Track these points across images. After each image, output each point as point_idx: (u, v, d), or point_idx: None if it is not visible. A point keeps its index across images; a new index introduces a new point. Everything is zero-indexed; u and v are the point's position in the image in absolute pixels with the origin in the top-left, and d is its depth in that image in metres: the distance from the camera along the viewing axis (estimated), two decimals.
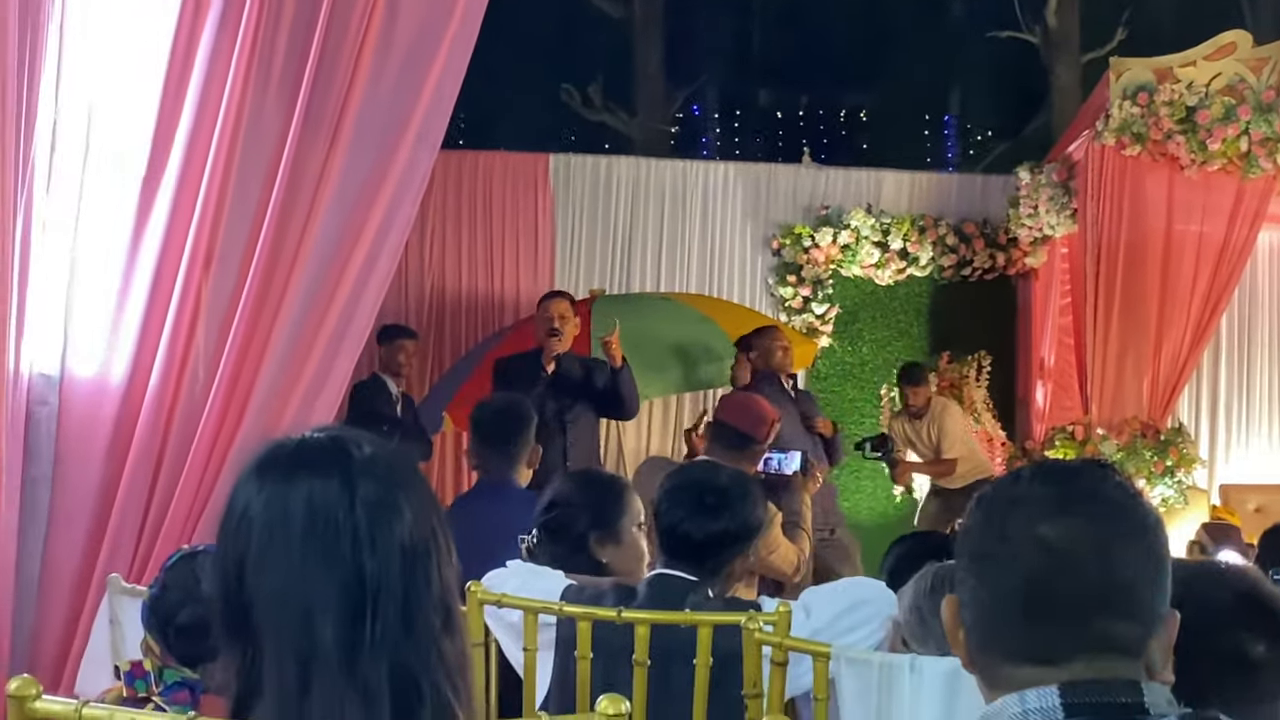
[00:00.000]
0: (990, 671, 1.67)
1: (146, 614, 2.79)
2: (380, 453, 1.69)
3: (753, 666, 2.92)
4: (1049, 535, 1.63)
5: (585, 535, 4.02)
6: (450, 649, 1.65)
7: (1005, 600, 1.64)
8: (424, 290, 10.71)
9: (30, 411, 4.59)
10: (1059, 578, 1.62)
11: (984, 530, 1.69)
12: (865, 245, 11.09)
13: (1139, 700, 1.60)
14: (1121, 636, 1.62)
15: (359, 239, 4.94)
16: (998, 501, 1.71)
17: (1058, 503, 1.66)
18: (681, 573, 3.45)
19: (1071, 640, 1.62)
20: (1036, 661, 1.62)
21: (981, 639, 1.68)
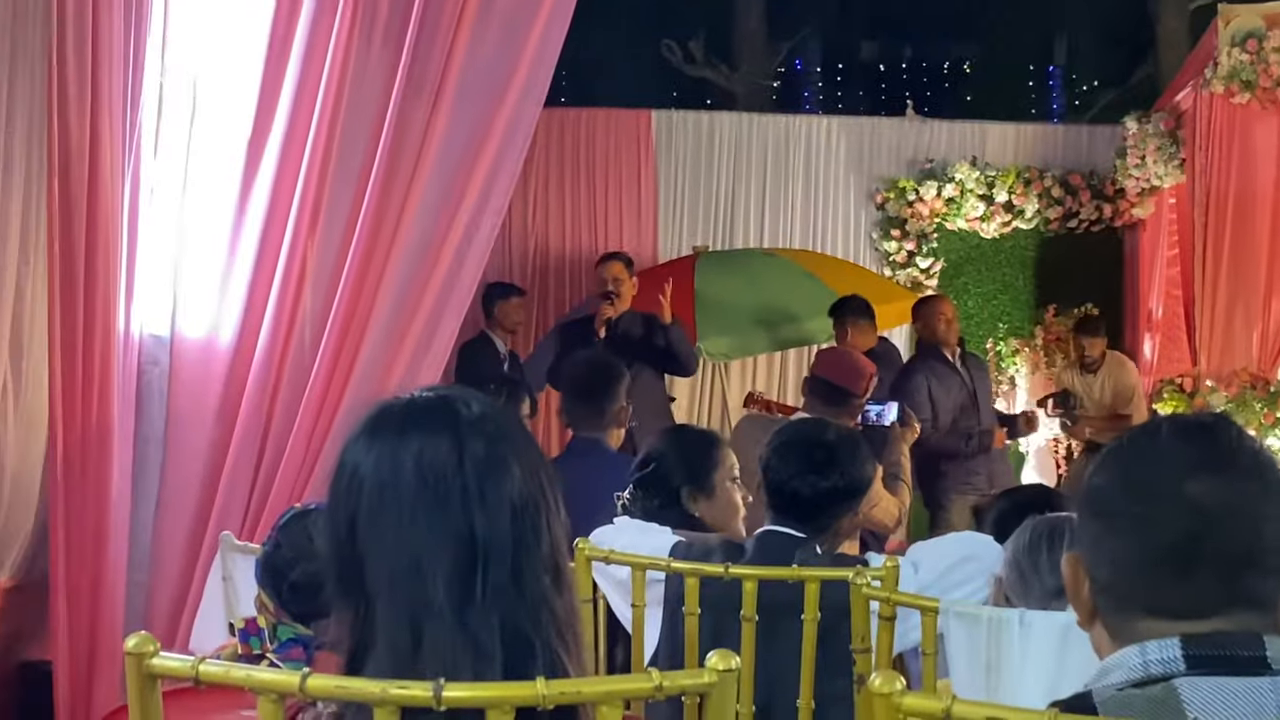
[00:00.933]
0: (1125, 628, 1.64)
1: (260, 571, 2.82)
2: (488, 411, 1.70)
3: (861, 621, 2.91)
4: (1198, 494, 1.61)
5: (678, 489, 4.03)
6: (560, 605, 1.65)
7: (1152, 557, 1.62)
8: (527, 248, 10.73)
9: (142, 371, 4.67)
10: (1209, 536, 1.60)
11: (1123, 487, 1.67)
12: (970, 198, 10.95)
13: (1260, 654, 1.58)
14: (1264, 593, 1.61)
15: (464, 197, 4.96)
16: (1137, 458, 1.69)
17: (1202, 461, 1.64)
18: (790, 529, 3.44)
19: (1218, 597, 1.60)
20: (1179, 617, 1.60)
21: (1120, 596, 1.65)
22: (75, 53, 4.27)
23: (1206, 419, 1.71)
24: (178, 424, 4.70)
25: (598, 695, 1.52)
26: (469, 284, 5.09)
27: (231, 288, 4.74)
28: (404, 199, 4.89)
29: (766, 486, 3.53)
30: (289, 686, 1.52)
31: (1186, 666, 1.58)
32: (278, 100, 4.74)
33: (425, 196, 4.91)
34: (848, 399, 5.79)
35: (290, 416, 4.69)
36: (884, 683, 1.52)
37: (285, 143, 4.72)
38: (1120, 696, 1.59)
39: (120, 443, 4.52)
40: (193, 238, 4.75)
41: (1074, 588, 1.72)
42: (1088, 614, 1.71)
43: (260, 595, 2.80)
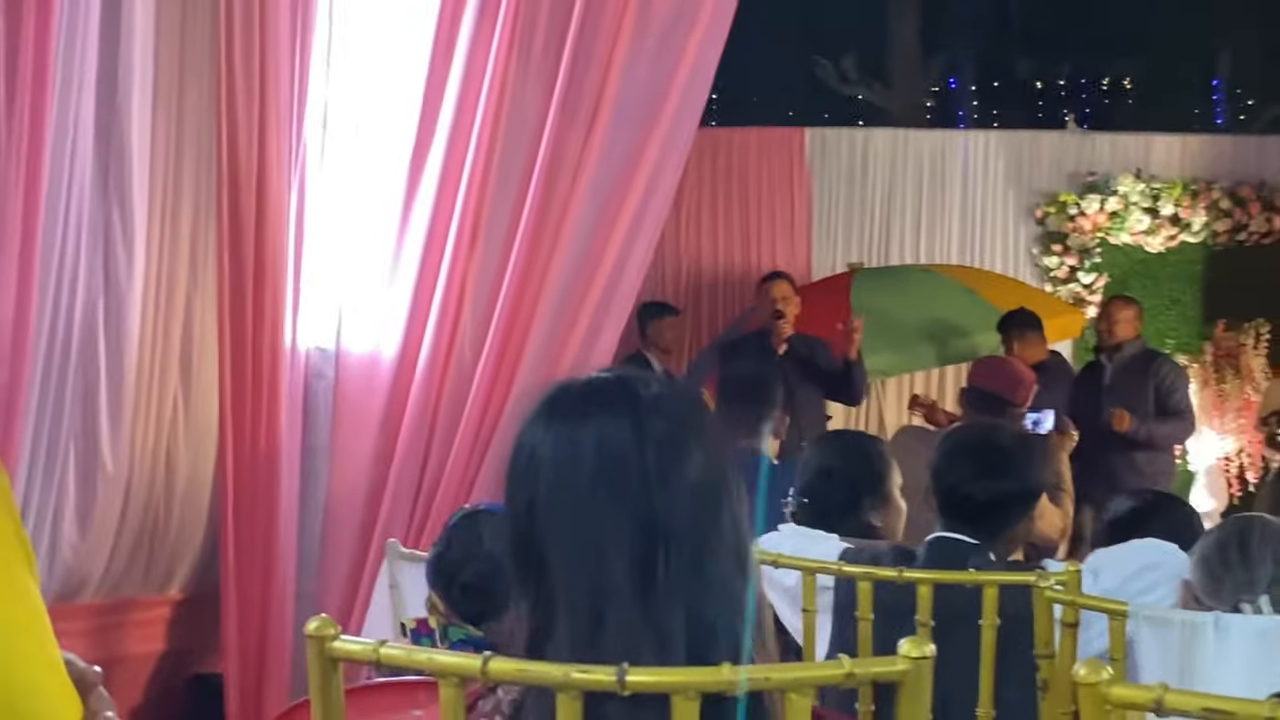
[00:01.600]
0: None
1: (431, 572, 2.81)
2: (668, 392, 1.65)
3: (1044, 626, 2.81)
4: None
5: (854, 499, 3.95)
6: (745, 592, 1.61)
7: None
8: (680, 268, 10.73)
9: (308, 384, 4.72)
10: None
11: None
12: (1134, 212, 10.72)
13: None
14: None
15: (620, 214, 4.96)
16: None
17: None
18: (962, 535, 3.35)
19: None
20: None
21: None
22: (243, 70, 4.35)
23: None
24: (343, 435, 4.74)
25: (787, 682, 1.47)
26: (626, 299, 5.09)
27: (394, 303, 4.78)
28: (561, 216, 4.90)
29: (937, 492, 3.44)
30: (471, 669, 1.49)
31: None
32: (438, 118, 4.78)
33: (582, 214, 4.92)
34: (1007, 408, 5.66)
35: (452, 427, 4.71)
36: (1090, 672, 1.45)
37: (446, 160, 4.76)
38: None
39: (288, 455, 4.58)
40: (356, 253, 4.80)
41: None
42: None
43: (431, 597, 2.79)
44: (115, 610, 4.79)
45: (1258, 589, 2.71)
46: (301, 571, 4.67)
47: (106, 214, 4.43)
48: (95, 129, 4.33)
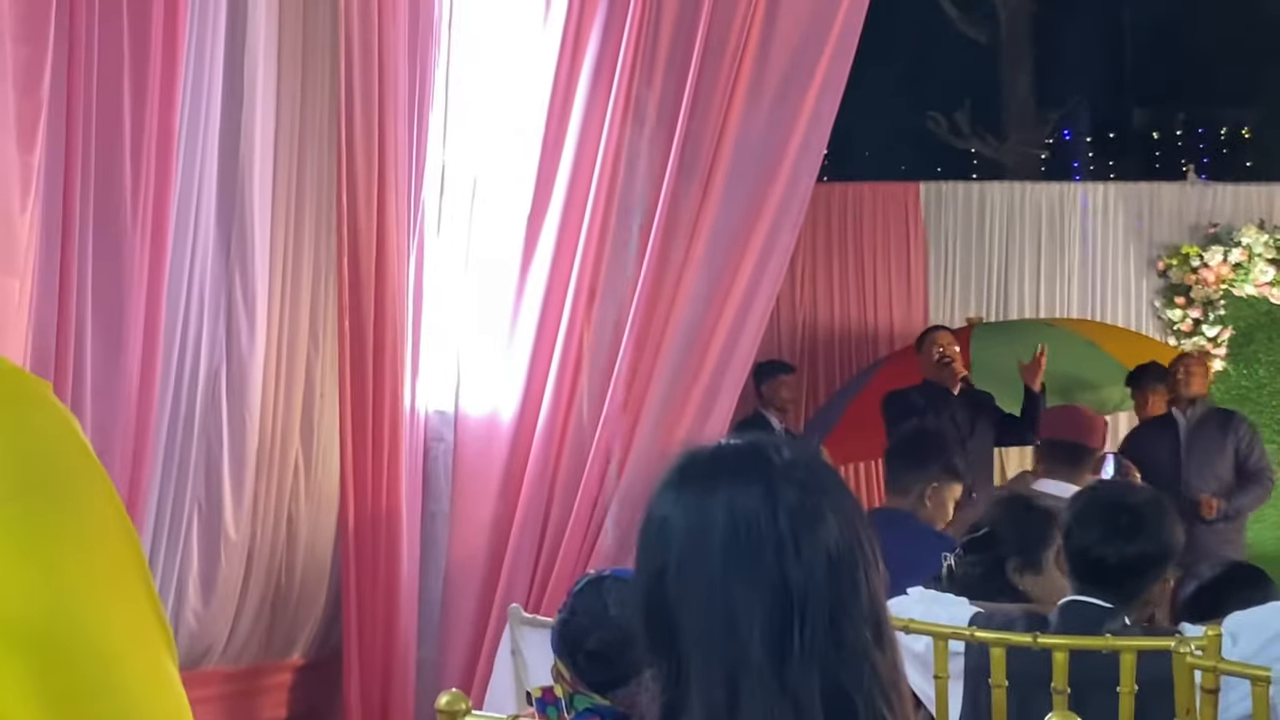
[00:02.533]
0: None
1: (556, 639, 2.78)
2: (801, 458, 1.62)
3: (1185, 692, 2.72)
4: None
5: (1004, 559, 3.88)
6: (882, 662, 1.56)
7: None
8: (796, 324, 10.68)
9: (428, 448, 4.73)
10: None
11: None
12: (1259, 263, 10.52)
13: None
14: None
15: (737, 275, 4.94)
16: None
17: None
18: (1096, 600, 3.26)
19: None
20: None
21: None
22: (362, 133, 4.39)
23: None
24: (463, 499, 4.75)
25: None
26: (745, 360, 5.06)
27: (512, 365, 4.78)
28: (678, 276, 4.88)
29: (1069, 554, 3.35)
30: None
31: None
32: (554, 180, 4.80)
33: (700, 273, 4.90)
34: (1087, 455, 5.55)
35: (572, 490, 4.70)
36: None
37: (563, 221, 4.77)
38: None
39: (409, 518, 4.58)
40: (474, 316, 4.81)
41: None
42: None
43: (557, 664, 2.75)
44: (239, 678, 4.81)
45: None
46: (422, 637, 4.67)
47: (229, 281, 4.48)
48: (218, 196, 4.39)
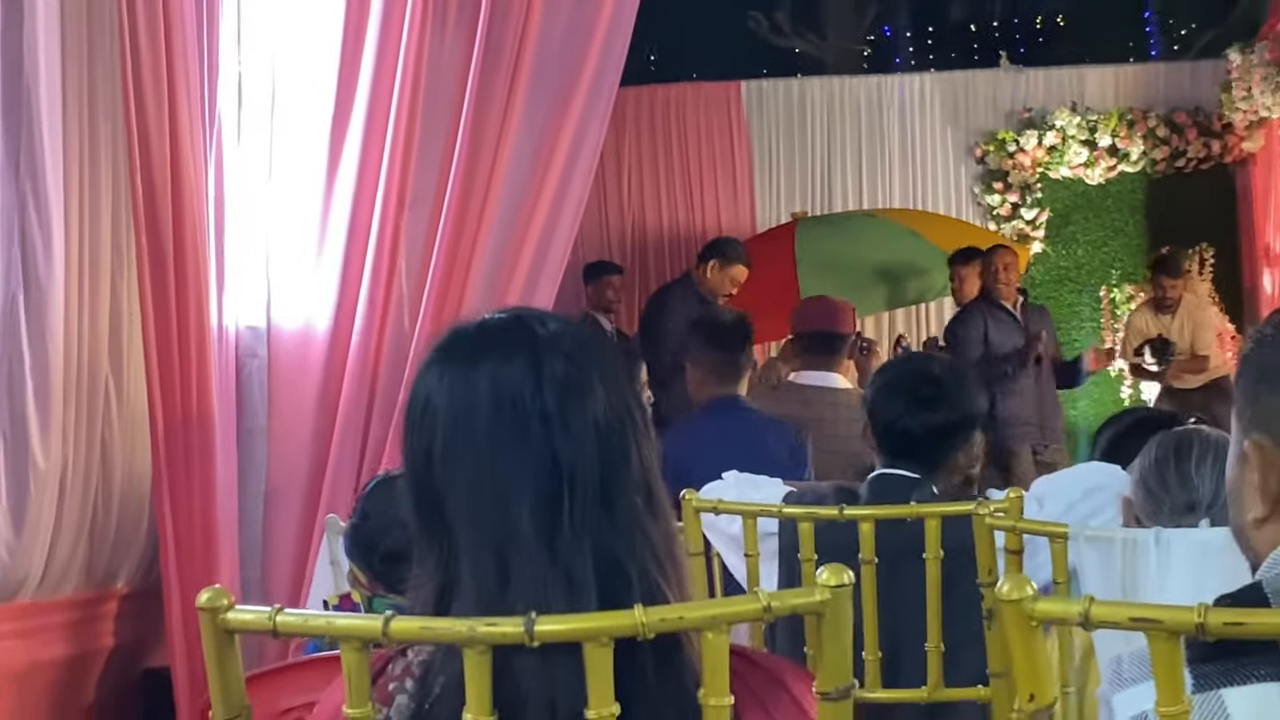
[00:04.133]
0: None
1: (349, 544, 2.75)
2: (566, 329, 1.59)
3: (986, 554, 2.77)
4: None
5: None
6: (656, 530, 1.54)
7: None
8: (625, 226, 10.69)
9: (240, 365, 4.64)
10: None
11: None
12: (1072, 145, 10.74)
13: None
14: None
15: (547, 173, 4.92)
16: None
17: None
18: (904, 471, 3.31)
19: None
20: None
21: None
22: (149, 45, 4.23)
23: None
24: (280, 415, 4.66)
25: (702, 620, 1.41)
26: (560, 257, 5.03)
27: (324, 276, 4.70)
28: (489, 176, 4.84)
29: (875, 429, 3.39)
30: (372, 632, 1.42)
31: None
32: (356, 84, 4.70)
33: (510, 174, 4.86)
34: (840, 343, 5.61)
35: (392, 398, 4.64)
36: (1013, 588, 1.39)
37: (367, 126, 4.68)
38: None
39: (223, 438, 4.48)
40: (281, 227, 4.71)
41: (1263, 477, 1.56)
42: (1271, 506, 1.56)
43: (353, 569, 2.72)
44: (59, 609, 4.68)
45: (1199, 511, 2.67)
46: (246, 557, 4.59)
47: (20, 203, 4.31)
48: (3, 115, 4.21)
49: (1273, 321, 1.59)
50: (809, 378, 5.39)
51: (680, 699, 1.46)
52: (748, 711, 1.51)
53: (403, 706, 1.52)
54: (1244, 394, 1.59)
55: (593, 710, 1.39)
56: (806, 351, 5.60)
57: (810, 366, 5.47)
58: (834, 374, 5.53)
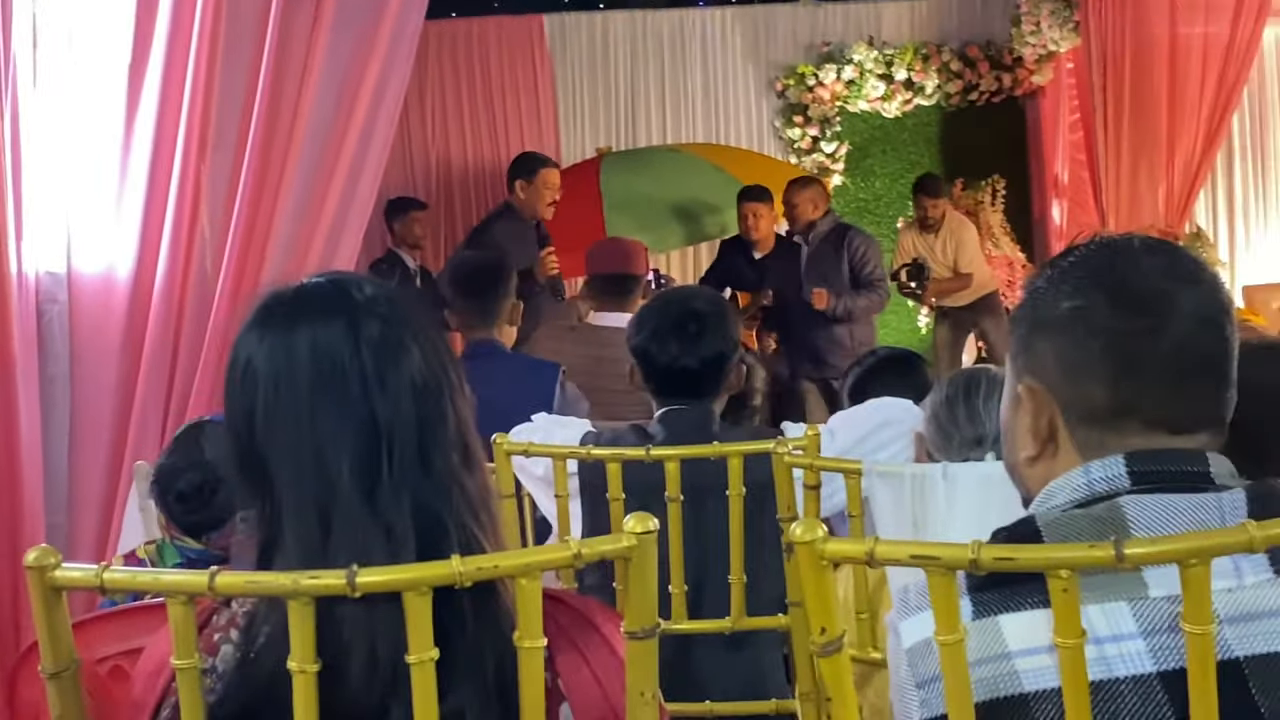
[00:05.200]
0: (1107, 449, 1.62)
1: (152, 484, 2.76)
2: (382, 292, 1.66)
3: (785, 490, 2.89)
4: (1189, 305, 1.60)
5: None
6: (472, 484, 1.63)
7: (1149, 369, 1.60)
8: (430, 163, 10.64)
9: (41, 311, 4.56)
10: (1199, 342, 1.60)
11: (1113, 303, 1.62)
12: (869, 79, 10.95)
13: (1205, 469, 1.58)
14: (1228, 406, 1.63)
15: (353, 111, 4.89)
16: (1114, 274, 1.64)
17: (1182, 274, 1.62)
18: (687, 404, 3.44)
19: (1207, 407, 1.61)
20: (1172, 429, 1.60)
21: (1114, 410, 1.61)
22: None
23: (1154, 239, 1.70)
24: (83, 361, 4.60)
25: (515, 568, 1.49)
26: (367, 197, 5.03)
27: (125, 220, 4.63)
28: (293, 119, 4.80)
29: (649, 371, 3.50)
30: (198, 587, 1.48)
31: (1131, 484, 1.58)
32: (154, 26, 4.62)
33: (315, 114, 4.83)
34: (634, 284, 5.74)
35: (197, 342, 4.61)
36: (805, 530, 1.49)
37: (167, 68, 4.61)
38: (1064, 518, 1.58)
39: (24, 385, 4.42)
40: (81, 169, 4.64)
41: (1034, 418, 1.69)
42: (1043, 444, 1.68)
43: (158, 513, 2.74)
44: None
45: (985, 445, 2.83)
46: (52, 505, 4.53)
47: None
48: None
49: (1045, 274, 1.72)
50: (604, 319, 5.47)
51: (497, 642, 1.55)
52: (561, 652, 1.61)
53: (228, 656, 1.58)
54: (1018, 341, 1.71)
55: (413, 655, 1.47)
56: (601, 293, 5.67)
57: (605, 308, 5.54)
58: (628, 314, 5.62)
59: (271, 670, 1.52)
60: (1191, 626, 1.42)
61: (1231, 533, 1.42)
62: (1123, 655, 1.49)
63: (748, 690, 3.24)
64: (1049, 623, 1.45)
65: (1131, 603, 1.50)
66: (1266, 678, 1.47)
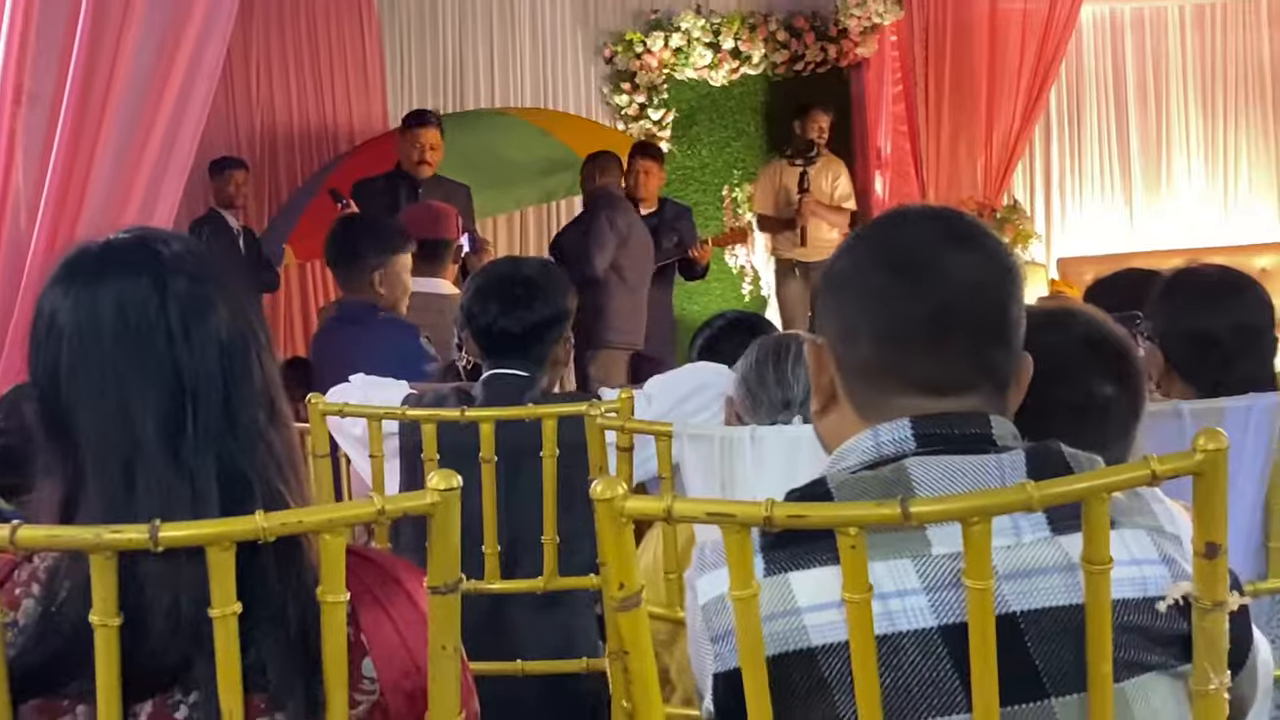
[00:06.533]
0: (875, 406, 1.69)
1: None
2: (190, 249, 1.67)
3: (597, 452, 2.94)
4: (953, 267, 1.66)
5: None
6: (278, 441, 1.64)
7: (910, 330, 1.66)
8: (254, 124, 10.45)
9: None
10: (963, 307, 1.66)
11: (880, 264, 1.70)
12: (697, 47, 10.99)
13: (987, 432, 1.65)
14: (1000, 367, 1.69)
15: (172, 67, 4.81)
16: (892, 237, 1.74)
17: (954, 238, 1.70)
18: (512, 370, 3.47)
19: (965, 368, 1.67)
20: (931, 391, 1.66)
21: (874, 370, 1.69)
22: None
23: (942, 207, 1.77)
24: None
25: (319, 524, 1.51)
26: (186, 153, 4.95)
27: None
28: (110, 74, 4.71)
29: (476, 333, 3.53)
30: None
31: (916, 446, 1.64)
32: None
33: (133, 70, 4.74)
34: (445, 248, 5.81)
35: (9, 303, 4.52)
36: (605, 488, 1.54)
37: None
38: (853, 479, 1.64)
39: None
40: None
41: (816, 375, 1.76)
42: (826, 399, 1.75)
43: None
44: None
45: (793, 408, 2.90)
46: None
47: None
48: None
49: (841, 246, 1.79)
50: (418, 284, 5.49)
51: (301, 597, 1.57)
52: (365, 607, 1.63)
53: (30, 610, 1.58)
54: (813, 300, 1.79)
55: (215, 610, 1.49)
56: (418, 258, 5.70)
57: (419, 273, 5.55)
58: (440, 280, 5.70)
59: (74, 624, 1.53)
60: (973, 582, 1.49)
61: (1012, 492, 1.49)
62: (906, 610, 1.56)
63: (560, 649, 3.29)
64: (837, 579, 1.50)
65: (915, 560, 1.57)
66: (1040, 631, 1.55)
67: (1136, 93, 11.82)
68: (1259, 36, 11.83)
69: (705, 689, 1.64)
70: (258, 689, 1.55)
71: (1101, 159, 11.82)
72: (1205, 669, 1.54)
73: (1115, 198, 11.82)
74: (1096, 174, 11.81)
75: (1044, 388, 1.79)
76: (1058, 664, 1.54)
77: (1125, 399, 2.03)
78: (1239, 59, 11.85)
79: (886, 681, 1.52)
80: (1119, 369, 2.04)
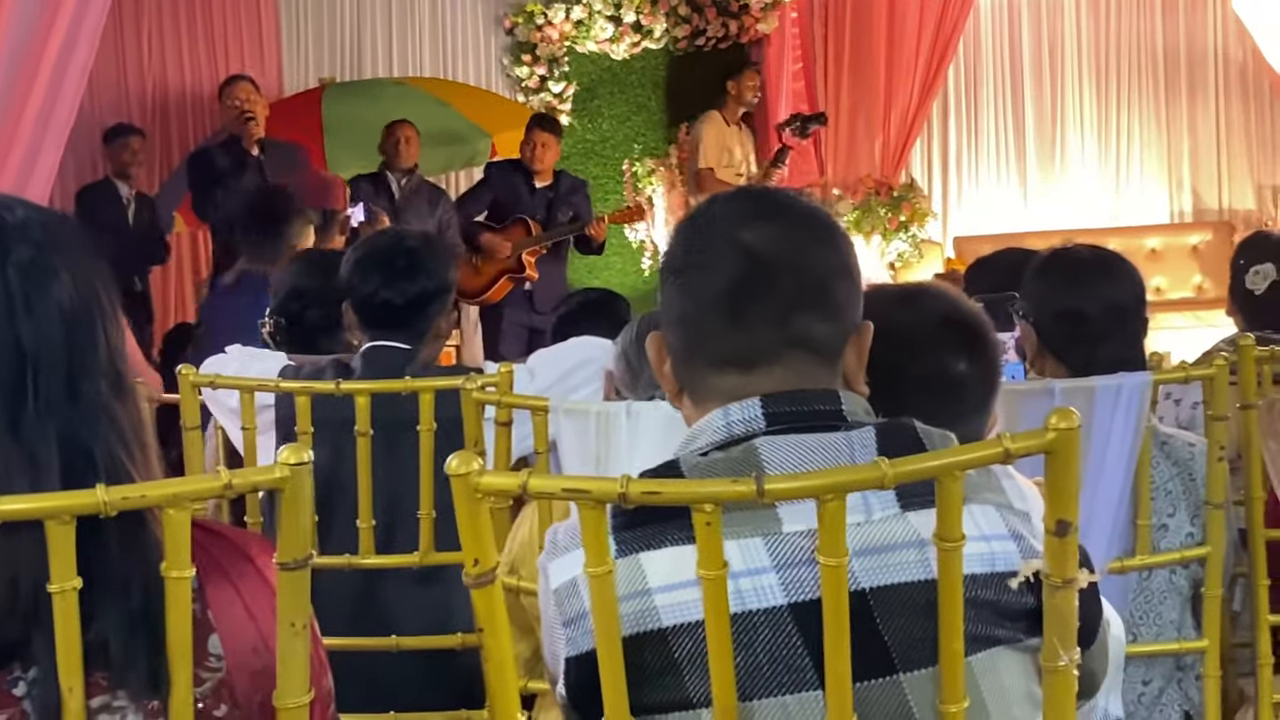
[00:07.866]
0: (698, 387, 1.70)
1: None
2: (35, 216, 1.62)
3: (473, 426, 2.91)
4: (748, 239, 1.67)
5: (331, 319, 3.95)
6: (123, 414, 1.60)
7: (709, 307, 1.67)
8: (145, 90, 10.30)
9: None
10: (759, 278, 1.66)
11: (686, 246, 1.73)
12: (598, 20, 10.96)
13: (837, 408, 1.65)
14: (818, 336, 1.67)
15: (51, 28, 4.71)
16: (698, 219, 1.75)
17: (755, 213, 1.70)
18: (393, 342, 3.43)
19: (772, 340, 1.66)
20: (740, 366, 1.66)
21: (686, 352, 1.71)
22: None
23: (757, 186, 1.78)
24: None
25: (163, 498, 1.47)
26: (66, 117, 4.85)
27: None
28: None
29: (357, 305, 3.48)
30: None
31: (766, 425, 1.63)
32: None
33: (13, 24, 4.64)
34: (332, 219, 5.80)
35: None
36: (460, 464, 1.52)
37: None
38: (704, 461, 1.64)
39: None
40: None
41: (658, 363, 1.76)
42: (673, 389, 1.76)
43: None
44: None
45: None
46: None
47: None
48: None
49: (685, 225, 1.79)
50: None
51: (144, 572, 1.53)
52: (212, 583, 1.60)
53: None
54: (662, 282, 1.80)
55: (54, 585, 1.45)
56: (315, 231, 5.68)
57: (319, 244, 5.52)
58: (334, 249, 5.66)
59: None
60: (827, 559, 1.48)
61: (866, 469, 1.48)
62: (757, 589, 1.55)
63: (436, 625, 3.26)
64: (689, 559, 1.50)
65: (766, 538, 1.57)
66: (889, 607, 1.55)
67: (1032, 74, 11.95)
68: (1152, 20, 11.99)
69: (559, 673, 1.64)
70: (99, 666, 1.51)
71: (997, 139, 11.93)
72: (1055, 645, 1.54)
73: (1011, 178, 11.95)
74: (993, 154, 11.92)
75: (898, 365, 1.80)
76: (906, 639, 1.55)
77: (980, 375, 2.04)
78: (1133, 42, 12.00)
79: (738, 660, 1.52)
80: (972, 346, 2.04)
